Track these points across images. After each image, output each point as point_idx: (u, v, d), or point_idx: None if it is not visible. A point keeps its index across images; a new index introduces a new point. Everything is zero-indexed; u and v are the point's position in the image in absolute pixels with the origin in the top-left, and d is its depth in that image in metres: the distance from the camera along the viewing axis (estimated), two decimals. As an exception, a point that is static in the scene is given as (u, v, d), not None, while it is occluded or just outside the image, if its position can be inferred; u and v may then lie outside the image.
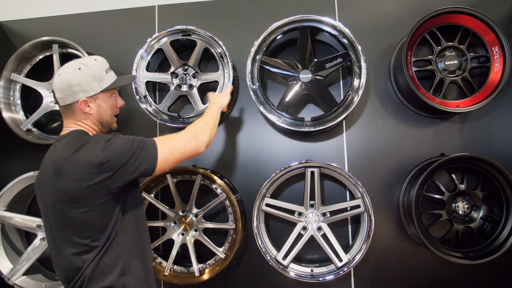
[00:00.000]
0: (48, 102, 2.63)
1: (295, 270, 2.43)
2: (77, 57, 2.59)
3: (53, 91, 1.74)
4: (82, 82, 1.67)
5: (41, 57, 2.70)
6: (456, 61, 2.44)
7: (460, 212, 2.44)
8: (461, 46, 2.44)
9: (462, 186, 2.43)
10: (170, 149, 1.71)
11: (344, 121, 2.65)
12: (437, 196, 2.44)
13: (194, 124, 1.90)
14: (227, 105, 2.24)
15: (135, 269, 1.69)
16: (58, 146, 1.69)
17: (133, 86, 2.46)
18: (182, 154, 1.76)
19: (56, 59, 2.60)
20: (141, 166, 1.62)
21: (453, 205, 2.45)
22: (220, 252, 2.43)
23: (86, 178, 1.55)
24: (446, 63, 2.44)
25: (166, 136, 1.81)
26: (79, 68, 1.68)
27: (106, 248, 1.64)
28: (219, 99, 2.17)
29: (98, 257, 1.62)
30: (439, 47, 2.46)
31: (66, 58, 2.65)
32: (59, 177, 1.61)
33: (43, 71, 2.70)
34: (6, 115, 2.64)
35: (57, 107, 2.61)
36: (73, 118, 1.74)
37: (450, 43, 2.45)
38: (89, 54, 2.54)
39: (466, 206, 2.44)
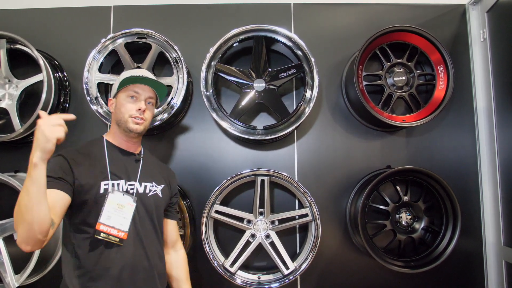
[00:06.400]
0: (-9, 99, 2.52)
1: (242, 277, 2.44)
2: (26, 53, 2.50)
3: None
4: (115, 84, 1.91)
5: (-14, 51, 2.58)
6: (404, 78, 2.55)
7: (403, 223, 2.53)
8: (409, 63, 2.55)
9: (406, 198, 2.52)
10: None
11: (295, 131, 2.69)
12: (382, 207, 2.52)
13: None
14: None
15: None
16: None
17: (84, 87, 2.41)
18: None
19: (3, 54, 2.49)
20: None
21: (397, 216, 2.54)
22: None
23: None
24: (395, 79, 2.54)
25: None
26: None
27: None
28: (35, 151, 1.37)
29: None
30: (388, 63, 2.55)
31: (14, 54, 2.56)
32: None
33: (-11, 67, 2.57)
34: None
35: (2, 105, 2.50)
36: None
37: (399, 60, 2.56)
38: (39, 51, 2.46)
39: (409, 217, 2.54)
